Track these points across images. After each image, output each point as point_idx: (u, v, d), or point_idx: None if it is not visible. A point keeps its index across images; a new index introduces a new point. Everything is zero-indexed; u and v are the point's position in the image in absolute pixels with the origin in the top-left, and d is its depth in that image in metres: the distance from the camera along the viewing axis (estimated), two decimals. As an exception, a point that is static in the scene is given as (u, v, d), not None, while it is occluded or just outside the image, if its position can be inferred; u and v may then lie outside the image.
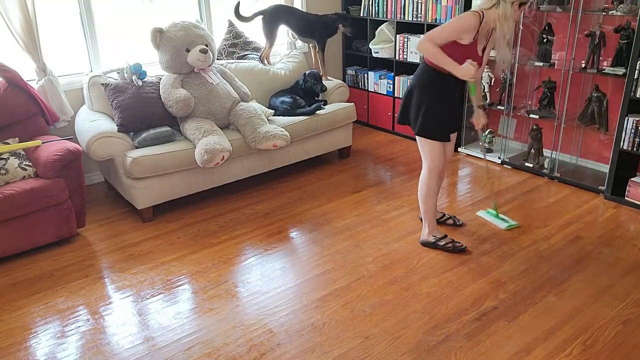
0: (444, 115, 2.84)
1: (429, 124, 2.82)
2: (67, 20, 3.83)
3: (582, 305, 2.53)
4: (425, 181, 2.97)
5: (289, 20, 4.40)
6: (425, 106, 2.81)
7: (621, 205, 3.52)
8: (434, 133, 2.84)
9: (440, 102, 2.81)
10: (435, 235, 3.05)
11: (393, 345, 2.30)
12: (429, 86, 2.81)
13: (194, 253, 3.11)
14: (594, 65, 3.62)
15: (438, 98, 2.81)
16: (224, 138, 3.51)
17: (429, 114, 2.81)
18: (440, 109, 2.82)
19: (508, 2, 2.55)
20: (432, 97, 2.81)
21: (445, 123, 2.86)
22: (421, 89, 2.83)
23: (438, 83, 2.78)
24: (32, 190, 2.97)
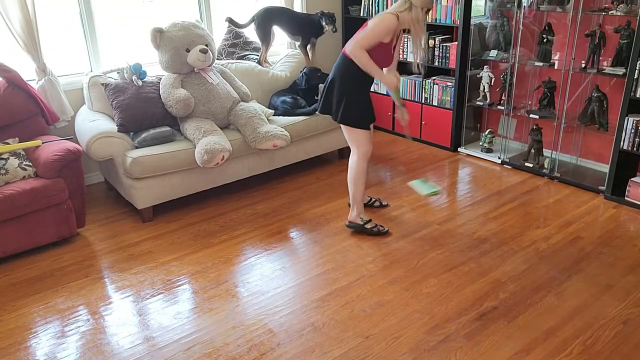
0: (365, 103, 3.06)
1: (355, 112, 3.01)
2: (67, 20, 3.83)
3: (582, 305, 2.53)
4: (356, 166, 3.14)
5: (280, 21, 4.39)
6: (349, 96, 2.99)
7: (621, 205, 3.52)
8: (361, 121, 3.04)
9: (361, 91, 3.04)
10: (362, 217, 3.23)
11: (393, 345, 2.30)
12: (351, 76, 2.97)
13: (194, 253, 3.11)
14: (594, 65, 3.62)
15: (360, 87, 3.03)
16: (224, 138, 3.51)
17: (353, 104, 3.00)
18: (362, 98, 3.04)
19: (419, 7, 2.83)
20: (354, 87, 3.00)
21: (368, 111, 3.08)
22: (342, 79, 3.00)
23: (358, 73, 2.95)
24: (32, 190, 2.97)
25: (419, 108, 4.76)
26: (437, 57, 4.50)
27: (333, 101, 3.04)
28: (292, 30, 4.47)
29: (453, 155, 4.53)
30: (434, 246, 3.08)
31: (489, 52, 4.24)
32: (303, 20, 4.45)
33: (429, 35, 4.49)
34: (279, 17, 4.39)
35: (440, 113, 4.59)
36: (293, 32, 4.49)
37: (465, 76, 4.36)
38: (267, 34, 4.36)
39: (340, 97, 3.01)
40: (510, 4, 4.05)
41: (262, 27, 4.32)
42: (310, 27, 4.43)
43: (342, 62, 3.00)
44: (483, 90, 4.35)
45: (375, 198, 3.60)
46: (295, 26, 4.44)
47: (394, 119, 5.04)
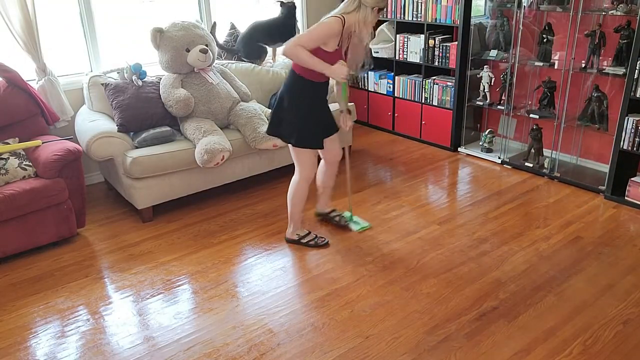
0: (316, 123, 2.85)
1: (305, 134, 2.82)
2: (67, 20, 3.83)
3: (582, 305, 2.53)
4: (296, 187, 3.03)
5: (259, 39, 4.33)
6: (298, 117, 2.80)
7: (621, 205, 3.52)
8: (310, 142, 2.86)
9: (312, 111, 2.83)
10: (298, 233, 3.15)
11: (393, 345, 2.30)
12: (300, 95, 2.79)
13: (194, 253, 3.11)
14: (594, 65, 3.62)
15: (310, 107, 2.82)
16: (224, 138, 3.51)
17: (302, 125, 2.81)
18: (313, 118, 2.83)
19: (369, 6, 2.62)
20: (304, 107, 2.80)
21: (318, 131, 2.88)
22: (291, 99, 2.80)
23: (308, 91, 2.78)
24: (32, 190, 2.97)
25: (418, 108, 4.76)
26: (437, 57, 4.50)
27: (284, 123, 2.84)
28: (274, 40, 4.39)
29: (453, 155, 4.52)
30: (434, 246, 3.08)
31: (489, 52, 4.24)
32: (274, 26, 4.34)
33: (429, 35, 4.49)
34: (256, 37, 4.31)
35: (440, 113, 4.59)
36: (276, 40, 4.40)
37: (465, 76, 4.36)
38: (256, 54, 4.35)
39: (292, 118, 2.81)
40: (510, 4, 4.05)
41: (249, 53, 4.33)
42: (284, 27, 4.36)
43: (291, 80, 2.80)
44: (483, 90, 4.35)
45: (338, 213, 3.37)
46: (274, 35, 4.34)
47: (394, 119, 5.04)
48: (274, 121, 2.91)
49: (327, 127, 2.97)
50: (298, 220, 3.15)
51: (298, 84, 2.78)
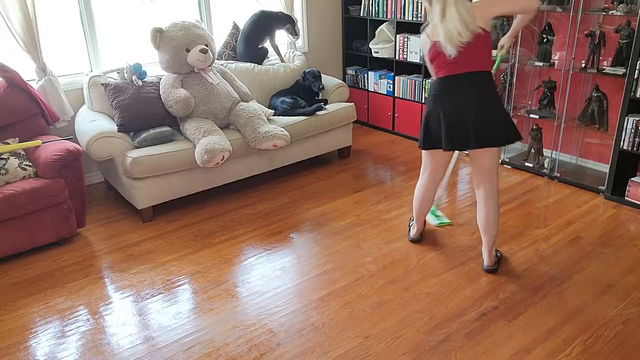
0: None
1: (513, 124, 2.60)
2: (67, 20, 3.83)
3: (582, 305, 2.53)
4: (498, 197, 2.71)
5: (257, 41, 4.36)
6: (504, 112, 2.58)
7: (621, 205, 3.52)
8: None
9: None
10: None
11: (393, 345, 2.30)
12: (494, 89, 2.57)
13: (194, 253, 3.11)
14: (594, 65, 3.62)
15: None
16: (224, 138, 3.51)
17: (509, 116, 2.62)
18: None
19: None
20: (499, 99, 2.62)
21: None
22: (493, 99, 2.54)
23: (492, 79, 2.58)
24: (32, 190, 2.97)
25: (419, 108, 4.76)
26: (437, 57, 4.49)
27: (492, 125, 2.51)
28: (263, 36, 4.41)
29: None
30: (434, 246, 3.08)
31: (489, 52, 4.24)
32: (258, 24, 4.35)
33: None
34: (253, 41, 4.34)
35: (440, 113, 4.58)
36: (267, 35, 4.42)
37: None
38: (259, 55, 4.37)
39: (502, 114, 2.54)
40: (510, 4, 4.04)
41: (252, 59, 4.35)
42: (266, 20, 4.37)
43: (478, 77, 2.49)
44: (483, 90, 4.34)
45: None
46: (265, 30, 4.38)
47: (394, 119, 5.04)
48: (487, 134, 2.52)
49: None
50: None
51: (491, 81, 2.53)
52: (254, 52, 4.34)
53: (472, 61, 2.46)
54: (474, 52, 2.44)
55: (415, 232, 3.11)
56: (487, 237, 2.75)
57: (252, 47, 4.33)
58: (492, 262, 2.81)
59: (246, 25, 4.33)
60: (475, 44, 2.41)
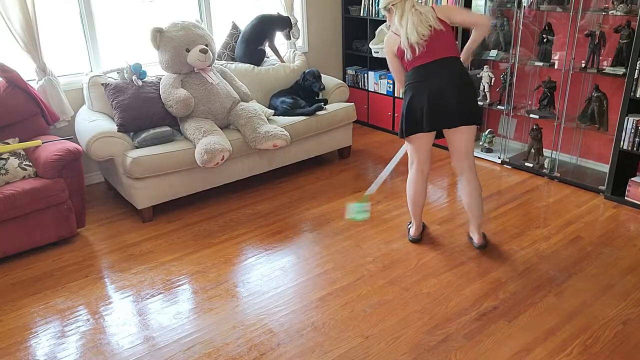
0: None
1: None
2: (67, 20, 3.83)
3: (582, 305, 2.53)
4: (479, 181, 2.92)
5: (257, 43, 4.37)
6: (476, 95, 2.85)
7: (621, 205, 3.52)
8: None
9: None
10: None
11: (393, 345, 2.30)
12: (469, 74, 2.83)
13: (194, 253, 3.11)
14: (594, 65, 3.62)
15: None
16: (224, 138, 3.51)
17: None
18: None
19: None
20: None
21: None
22: (469, 81, 2.78)
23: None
24: (32, 190, 2.97)
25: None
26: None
27: (470, 105, 2.74)
28: (263, 39, 4.41)
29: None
30: (434, 246, 3.08)
31: (489, 52, 4.24)
32: (258, 27, 4.36)
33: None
34: (253, 42, 4.34)
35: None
36: (266, 38, 4.43)
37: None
38: (257, 57, 4.38)
39: (474, 95, 2.82)
40: (510, 4, 4.05)
41: (250, 60, 4.36)
42: (268, 24, 4.39)
43: (457, 64, 2.74)
44: (483, 90, 4.34)
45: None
46: (263, 34, 4.39)
47: (394, 119, 5.04)
48: (468, 112, 2.74)
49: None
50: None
51: (463, 65, 2.81)
52: (252, 54, 4.34)
53: (443, 49, 2.70)
54: (441, 42, 2.70)
55: (415, 230, 3.13)
56: (474, 219, 2.96)
57: (251, 50, 4.33)
58: (482, 240, 3.01)
59: (246, 29, 4.33)
60: (440, 36, 2.69)
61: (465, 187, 2.90)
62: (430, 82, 2.69)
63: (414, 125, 2.76)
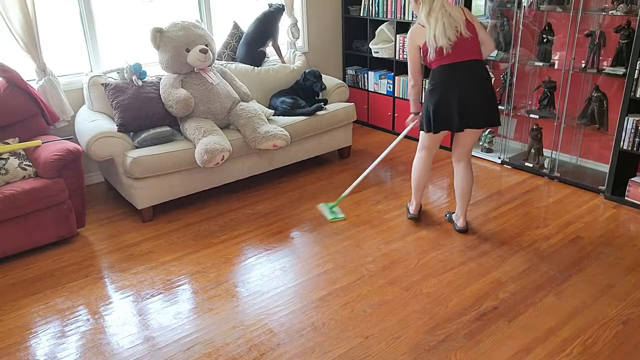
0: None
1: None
2: (67, 20, 3.82)
3: (582, 305, 2.53)
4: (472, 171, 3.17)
5: (258, 44, 4.37)
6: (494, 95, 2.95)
7: (621, 205, 3.52)
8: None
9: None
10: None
11: (393, 345, 2.30)
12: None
13: (194, 253, 3.11)
14: (594, 65, 3.62)
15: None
16: (224, 138, 3.51)
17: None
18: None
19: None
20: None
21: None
22: (489, 83, 2.89)
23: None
24: (32, 190, 2.97)
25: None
26: (437, 57, 4.49)
27: (494, 108, 2.88)
28: (264, 41, 4.41)
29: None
30: (434, 246, 3.08)
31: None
32: (261, 28, 4.34)
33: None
34: (254, 44, 4.34)
35: (440, 113, 4.58)
36: (267, 40, 4.42)
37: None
38: (257, 58, 4.39)
39: (493, 96, 2.90)
40: (510, 4, 4.05)
41: (250, 61, 4.37)
42: (269, 25, 4.37)
43: (481, 65, 2.84)
44: (483, 90, 4.34)
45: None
46: (264, 36, 4.39)
47: (394, 119, 5.04)
48: (493, 114, 2.90)
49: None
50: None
51: (487, 68, 2.99)
52: (253, 55, 4.34)
53: (470, 51, 2.80)
54: (469, 44, 2.79)
55: (414, 208, 3.36)
56: (463, 203, 3.18)
57: (253, 51, 4.33)
58: (465, 224, 3.21)
59: (248, 31, 4.32)
60: (468, 39, 2.78)
61: (464, 173, 3.11)
62: (459, 83, 2.79)
63: (444, 123, 2.89)
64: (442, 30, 2.69)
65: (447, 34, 2.70)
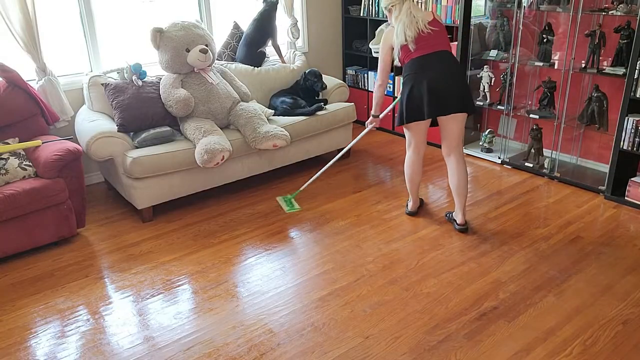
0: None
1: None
2: (67, 20, 3.83)
3: (582, 305, 2.53)
4: (465, 163, 3.22)
5: (258, 44, 4.37)
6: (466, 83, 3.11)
7: (621, 205, 3.52)
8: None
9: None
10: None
11: (393, 345, 2.30)
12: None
13: (194, 253, 3.11)
14: (594, 65, 3.62)
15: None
16: (224, 138, 3.51)
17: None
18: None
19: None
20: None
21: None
22: (462, 72, 3.11)
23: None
24: (32, 190, 2.97)
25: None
26: (437, 57, 4.50)
27: (465, 93, 3.01)
28: (265, 40, 4.41)
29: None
30: (434, 246, 3.08)
31: (489, 52, 4.25)
32: (259, 27, 4.34)
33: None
34: (255, 44, 4.34)
35: (440, 113, 4.58)
36: (267, 40, 4.42)
37: (465, 76, 4.36)
38: (257, 58, 4.38)
39: (468, 85, 3.11)
40: (510, 4, 4.05)
41: (251, 61, 4.37)
42: (266, 23, 4.36)
43: (451, 58, 3.01)
44: (483, 90, 4.35)
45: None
46: (264, 36, 4.39)
47: (393, 118, 5.04)
48: (463, 100, 3.01)
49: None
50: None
51: (457, 60, 3.16)
52: (253, 56, 4.34)
53: (438, 43, 2.97)
54: (437, 38, 2.97)
55: (412, 205, 3.46)
56: (460, 198, 3.18)
57: (252, 52, 4.33)
58: (465, 221, 3.22)
59: (247, 32, 4.32)
60: (432, 34, 2.96)
61: (456, 167, 3.14)
62: (428, 72, 2.93)
63: (415, 113, 3.00)
64: (402, 28, 2.94)
65: (406, 32, 2.93)
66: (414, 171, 3.29)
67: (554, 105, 3.96)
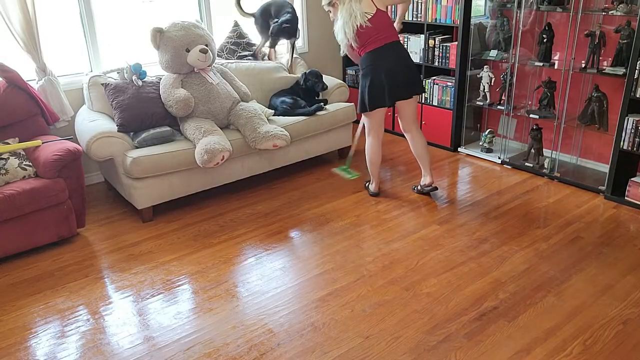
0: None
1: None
2: (67, 20, 3.83)
3: (582, 305, 2.53)
4: (423, 137, 3.65)
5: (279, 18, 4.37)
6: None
7: (621, 205, 3.52)
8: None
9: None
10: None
11: (393, 345, 2.30)
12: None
13: (194, 253, 3.11)
14: (594, 65, 3.61)
15: None
16: (224, 138, 3.51)
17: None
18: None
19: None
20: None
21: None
22: (410, 57, 3.48)
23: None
24: (32, 190, 2.97)
25: (419, 108, 4.75)
26: (437, 57, 4.50)
27: (416, 78, 3.43)
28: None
29: (453, 155, 4.53)
30: (434, 246, 3.08)
31: (489, 52, 4.24)
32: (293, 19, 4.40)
33: (429, 35, 4.50)
34: (277, 15, 4.36)
35: (440, 113, 4.59)
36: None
37: (465, 76, 4.36)
38: (264, 31, 4.36)
39: (415, 69, 3.44)
40: (510, 4, 4.05)
41: (259, 25, 4.37)
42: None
43: (401, 46, 3.38)
44: (483, 90, 4.35)
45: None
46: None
47: (394, 119, 5.04)
48: (415, 84, 3.43)
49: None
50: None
51: (405, 48, 3.56)
52: (264, 29, 4.40)
53: (387, 36, 3.28)
54: (385, 30, 3.27)
55: (374, 187, 3.75)
56: (424, 162, 3.64)
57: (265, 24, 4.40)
58: (433, 180, 3.65)
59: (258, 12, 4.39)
60: (380, 25, 3.24)
61: (417, 141, 3.59)
62: (384, 63, 3.28)
63: (377, 100, 3.36)
64: (341, 26, 3.26)
65: (345, 29, 3.24)
66: (374, 153, 3.58)
67: (554, 105, 3.96)
